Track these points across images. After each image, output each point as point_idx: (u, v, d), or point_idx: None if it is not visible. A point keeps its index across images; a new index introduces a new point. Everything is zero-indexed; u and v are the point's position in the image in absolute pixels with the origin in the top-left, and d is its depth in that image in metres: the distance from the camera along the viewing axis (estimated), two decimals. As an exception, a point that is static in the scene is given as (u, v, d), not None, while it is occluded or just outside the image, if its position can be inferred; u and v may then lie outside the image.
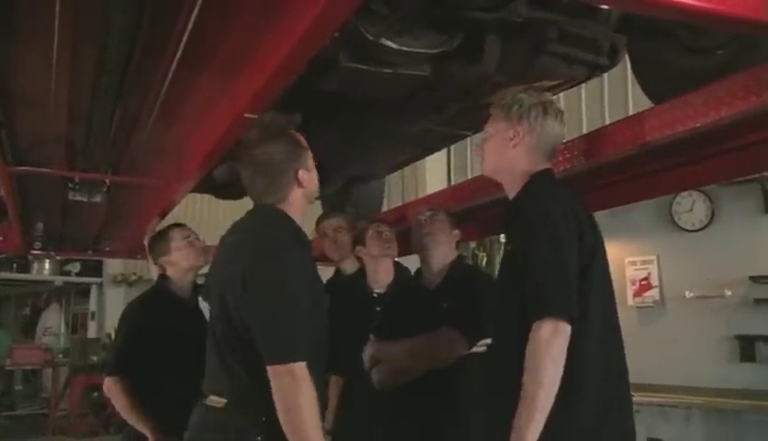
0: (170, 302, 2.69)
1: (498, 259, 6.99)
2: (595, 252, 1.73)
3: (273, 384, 1.68)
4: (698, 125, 1.75)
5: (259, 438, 1.73)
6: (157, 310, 2.70)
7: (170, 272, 2.78)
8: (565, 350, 1.58)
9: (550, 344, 1.57)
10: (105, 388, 2.62)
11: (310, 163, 1.95)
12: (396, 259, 2.85)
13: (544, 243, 1.67)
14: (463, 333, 2.23)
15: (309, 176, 1.93)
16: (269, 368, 1.69)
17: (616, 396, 1.73)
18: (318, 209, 3.93)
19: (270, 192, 1.89)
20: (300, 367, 1.68)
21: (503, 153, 1.88)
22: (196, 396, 1.91)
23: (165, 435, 2.49)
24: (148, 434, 2.51)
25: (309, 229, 2.54)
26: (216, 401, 1.83)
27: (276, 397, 1.68)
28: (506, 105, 1.88)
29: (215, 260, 2.01)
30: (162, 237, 2.82)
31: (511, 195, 1.90)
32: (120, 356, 2.70)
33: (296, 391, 1.67)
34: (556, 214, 1.69)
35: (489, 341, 1.99)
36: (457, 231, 2.57)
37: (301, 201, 1.93)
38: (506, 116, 1.87)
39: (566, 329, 1.59)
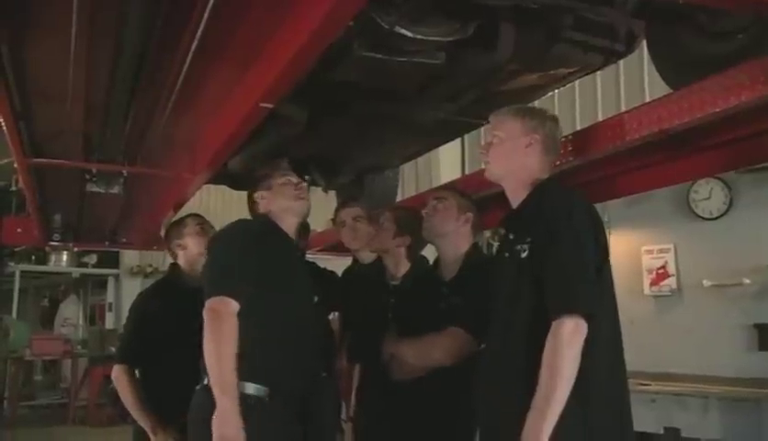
0: (180, 291, 2.69)
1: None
2: (607, 251, 1.78)
3: None
4: (718, 111, 1.72)
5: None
6: (168, 299, 2.73)
7: (181, 260, 2.81)
8: (581, 348, 1.62)
9: (572, 342, 1.61)
10: (113, 375, 2.66)
11: (271, 182, 2.35)
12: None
13: (568, 243, 1.69)
14: (471, 332, 2.17)
15: (265, 193, 2.35)
16: None
17: (619, 394, 1.77)
18: (333, 201, 3.93)
19: (252, 212, 2.43)
20: (216, 301, 2.01)
21: (516, 158, 1.91)
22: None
23: (167, 426, 2.52)
24: (148, 429, 2.54)
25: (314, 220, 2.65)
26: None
27: None
28: (521, 111, 1.94)
29: None
30: (178, 223, 2.90)
31: (515, 200, 1.93)
32: (129, 345, 2.73)
33: (210, 325, 1.98)
34: (579, 215, 1.74)
35: None
36: (467, 215, 2.40)
37: (275, 208, 2.33)
38: (522, 122, 1.91)
39: (585, 327, 1.62)
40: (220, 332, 1.98)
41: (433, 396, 2.29)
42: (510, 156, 1.92)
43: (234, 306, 2.01)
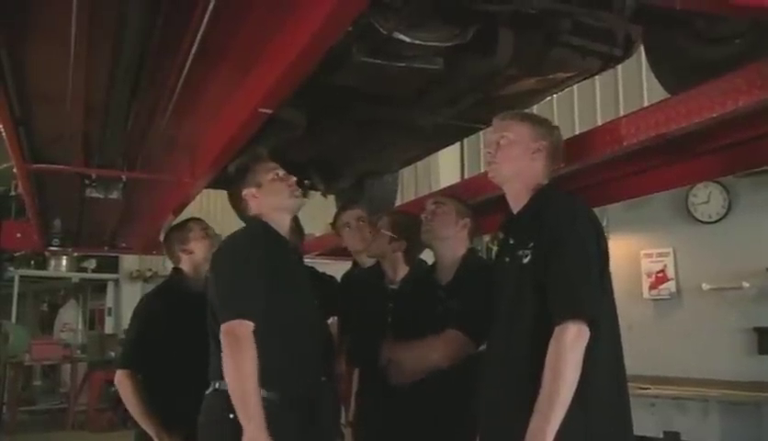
0: (184, 296, 2.70)
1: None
2: (608, 256, 1.79)
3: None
4: (715, 116, 1.73)
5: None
6: (171, 303, 2.72)
7: (184, 264, 2.81)
8: (583, 354, 1.63)
9: (574, 347, 1.62)
10: (116, 380, 2.65)
11: (258, 178, 2.26)
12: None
13: (573, 248, 1.70)
14: (469, 334, 2.18)
15: (255, 191, 2.26)
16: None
17: (620, 398, 1.78)
18: (331, 205, 3.94)
19: (239, 211, 2.38)
20: (235, 325, 1.95)
21: (524, 162, 1.92)
22: (206, 388, 2.04)
23: (171, 432, 2.52)
24: (152, 433, 2.53)
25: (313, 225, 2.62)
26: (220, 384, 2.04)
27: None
28: (529, 117, 1.96)
29: None
30: (181, 227, 2.88)
31: (516, 204, 1.94)
32: (132, 349, 2.73)
33: (230, 348, 1.92)
34: (582, 220, 1.76)
35: None
36: (465, 220, 2.44)
37: (267, 207, 2.26)
38: (531, 127, 1.93)
39: (587, 332, 1.63)
40: (240, 355, 1.93)
41: (432, 399, 2.29)
42: (519, 159, 1.92)
43: (250, 326, 1.97)
